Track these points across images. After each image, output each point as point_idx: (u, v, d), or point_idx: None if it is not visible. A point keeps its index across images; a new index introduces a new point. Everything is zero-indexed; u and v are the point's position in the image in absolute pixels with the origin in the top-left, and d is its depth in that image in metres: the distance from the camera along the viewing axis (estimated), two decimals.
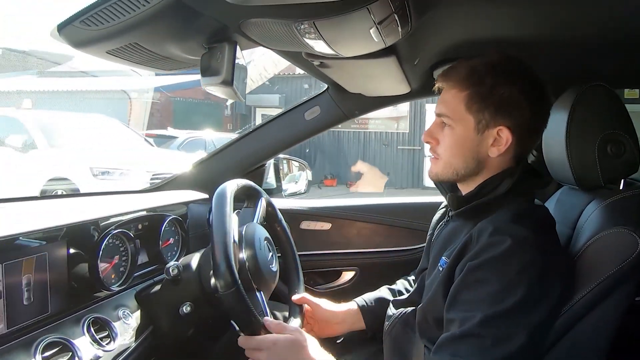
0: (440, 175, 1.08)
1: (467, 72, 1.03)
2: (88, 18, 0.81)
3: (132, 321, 1.17)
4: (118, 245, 1.24)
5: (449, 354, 0.91)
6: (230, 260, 1.05)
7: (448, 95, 1.05)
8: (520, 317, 0.90)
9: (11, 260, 0.94)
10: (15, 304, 0.95)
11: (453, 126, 1.04)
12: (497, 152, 1.03)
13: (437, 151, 1.08)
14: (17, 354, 0.92)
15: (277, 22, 0.87)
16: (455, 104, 1.03)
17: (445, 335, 0.94)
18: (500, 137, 1.02)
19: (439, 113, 1.06)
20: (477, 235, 0.98)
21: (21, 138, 6.47)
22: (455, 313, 0.95)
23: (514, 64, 1.03)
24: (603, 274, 0.95)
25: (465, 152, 1.04)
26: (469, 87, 1.02)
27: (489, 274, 0.92)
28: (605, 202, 1.08)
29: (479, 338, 0.89)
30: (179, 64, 1.08)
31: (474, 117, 1.02)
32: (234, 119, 13.73)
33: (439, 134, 1.07)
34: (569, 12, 1.04)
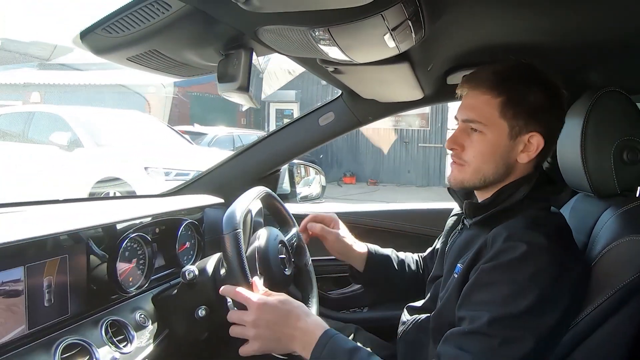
0: (466, 182, 1.07)
1: (499, 78, 1.03)
2: (109, 26, 0.83)
3: (149, 324, 1.19)
4: (136, 249, 1.26)
5: (454, 346, 0.92)
6: (244, 264, 1.06)
7: (478, 101, 1.04)
8: (529, 322, 0.90)
9: (33, 262, 0.97)
10: (36, 306, 0.97)
11: (485, 132, 1.03)
12: (527, 158, 1.04)
13: (464, 158, 1.06)
14: (38, 354, 0.94)
15: (292, 29, 0.89)
16: (488, 110, 1.03)
17: (453, 330, 0.95)
18: (531, 143, 1.03)
19: (467, 119, 1.05)
20: (492, 241, 0.98)
21: (66, 135, 6.08)
22: (465, 311, 0.95)
23: (536, 70, 1.05)
24: (619, 283, 0.94)
25: (497, 158, 1.04)
26: (503, 93, 1.02)
27: (501, 276, 0.93)
28: (621, 209, 1.07)
29: (486, 337, 0.89)
30: (196, 71, 1.10)
31: (508, 123, 1.02)
32: (248, 114, 13.66)
33: (465, 140, 1.06)
34: (582, 17, 1.04)
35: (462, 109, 1.07)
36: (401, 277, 1.47)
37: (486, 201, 1.07)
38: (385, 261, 1.46)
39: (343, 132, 1.76)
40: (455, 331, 0.94)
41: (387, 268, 1.45)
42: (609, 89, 1.10)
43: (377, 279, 1.47)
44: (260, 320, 1.02)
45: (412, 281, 1.47)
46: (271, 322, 1.02)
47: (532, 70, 1.05)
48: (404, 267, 1.48)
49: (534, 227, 0.96)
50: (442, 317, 1.07)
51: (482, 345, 0.89)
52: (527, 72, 1.05)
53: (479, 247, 1.01)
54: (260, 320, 1.02)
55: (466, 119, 1.06)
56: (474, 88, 1.05)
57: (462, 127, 1.07)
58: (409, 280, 1.47)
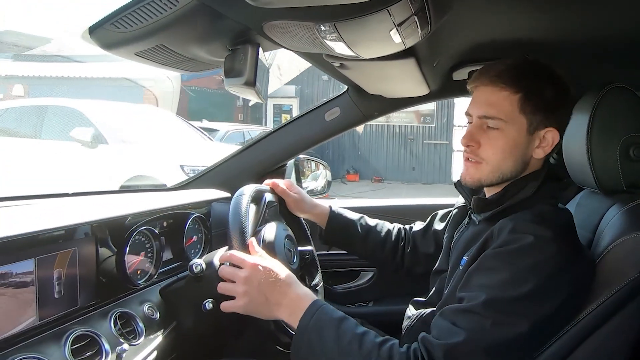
0: (484, 181, 1.07)
1: (517, 73, 1.03)
2: (118, 21, 0.84)
3: (157, 316, 1.20)
4: (144, 242, 1.27)
5: (449, 321, 0.94)
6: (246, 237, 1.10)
7: (496, 97, 1.03)
8: (525, 308, 0.91)
9: (43, 254, 0.98)
10: (46, 297, 0.99)
11: (503, 128, 1.03)
12: (543, 153, 1.05)
13: (480, 155, 1.05)
14: (48, 345, 0.96)
15: (298, 24, 0.89)
16: (507, 106, 1.02)
17: (450, 306, 0.97)
18: (546, 139, 1.04)
19: (485, 115, 1.04)
20: (498, 232, 0.99)
21: (88, 131, 5.71)
22: (463, 292, 0.97)
23: (546, 66, 1.05)
24: (624, 280, 0.93)
25: (516, 154, 1.04)
26: (522, 88, 1.02)
27: (503, 263, 0.94)
28: (626, 206, 1.07)
29: (480, 316, 0.91)
30: (203, 65, 1.11)
31: (527, 119, 1.02)
32: (245, 109, 13.38)
33: (482, 136, 1.05)
34: (588, 13, 1.04)
35: (479, 105, 1.06)
36: (369, 243, 1.49)
37: (495, 197, 1.07)
38: (347, 224, 1.48)
39: (349, 128, 1.76)
40: (453, 307, 0.96)
41: (348, 231, 1.47)
42: (615, 85, 1.09)
43: (338, 240, 1.51)
44: (252, 278, 1.03)
45: (391, 251, 1.50)
46: (262, 284, 1.02)
47: (544, 66, 1.05)
48: (373, 234, 1.49)
49: (541, 221, 0.97)
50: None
51: (475, 324, 0.91)
52: (540, 67, 1.05)
53: (485, 238, 1.02)
54: (252, 278, 1.03)
55: (484, 115, 1.04)
56: (491, 83, 1.04)
57: (478, 124, 1.06)
58: (385, 250, 1.49)
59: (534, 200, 1.04)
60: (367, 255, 1.54)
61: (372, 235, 1.49)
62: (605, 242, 1.01)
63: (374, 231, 1.50)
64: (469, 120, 1.09)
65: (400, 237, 1.51)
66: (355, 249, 1.52)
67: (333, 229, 1.47)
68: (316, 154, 8.99)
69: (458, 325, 0.92)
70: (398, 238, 1.51)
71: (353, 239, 1.48)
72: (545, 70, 1.05)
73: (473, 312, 0.92)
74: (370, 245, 1.49)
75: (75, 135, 5.72)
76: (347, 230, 1.47)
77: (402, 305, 1.41)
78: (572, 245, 0.99)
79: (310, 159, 2.11)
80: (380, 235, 1.49)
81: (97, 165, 5.50)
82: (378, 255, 1.50)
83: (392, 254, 1.50)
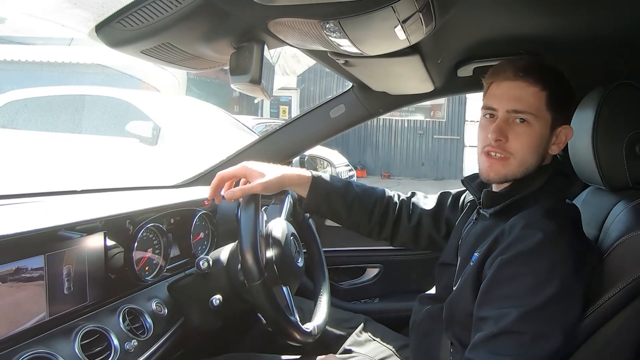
0: (510, 176, 1.06)
1: (541, 70, 1.04)
2: (124, 19, 0.85)
3: (165, 312, 1.22)
4: (152, 239, 1.28)
5: (486, 351, 0.91)
6: (257, 254, 1.08)
7: (526, 92, 1.03)
8: (556, 312, 0.90)
9: (53, 251, 1.00)
10: (56, 293, 1.00)
11: (532, 123, 1.03)
12: (558, 150, 1.07)
13: (509, 150, 1.05)
14: (58, 340, 0.97)
15: (303, 22, 0.89)
16: (536, 102, 1.03)
17: (481, 334, 0.93)
18: (561, 135, 1.06)
19: (515, 109, 1.04)
20: (510, 230, 0.99)
21: (147, 126, 4.86)
22: (488, 310, 0.94)
23: (553, 66, 1.08)
24: (630, 277, 0.93)
25: (540, 149, 1.05)
26: (549, 85, 1.03)
27: (522, 268, 0.93)
28: (632, 203, 1.07)
29: (517, 334, 0.89)
30: (209, 63, 1.12)
31: (552, 116, 1.04)
32: (240, 100, 12.74)
33: (509, 131, 1.05)
34: (594, 10, 1.04)
35: (507, 99, 1.05)
36: (354, 213, 1.36)
37: (504, 191, 1.08)
38: (329, 192, 1.34)
39: (354, 125, 1.77)
40: (484, 336, 0.93)
41: (330, 199, 1.34)
42: (621, 81, 1.09)
43: (320, 210, 1.36)
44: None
45: (378, 224, 1.38)
46: None
47: (552, 66, 1.08)
48: (358, 204, 1.36)
49: (552, 216, 0.97)
50: (455, 306, 1.08)
51: (515, 344, 0.89)
52: (553, 67, 1.07)
53: (496, 235, 1.01)
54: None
55: (514, 110, 1.04)
56: (519, 78, 1.04)
57: (505, 118, 1.05)
58: (372, 221, 1.37)
59: (544, 194, 1.05)
60: (351, 226, 1.40)
61: (358, 205, 1.36)
62: (612, 239, 1.01)
63: (361, 200, 1.37)
64: (490, 114, 1.08)
65: (392, 207, 1.39)
66: (339, 219, 1.39)
67: (315, 197, 1.33)
68: None
69: (500, 353, 0.90)
70: (388, 208, 1.39)
71: (336, 208, 1.35)
72: (556, 69, 1.07)
73: (509, 332, 0.90)
74: (355, 216, 1.37)
75: (133, 130, 4.88)
76: (330, 199, 1.34)
77: (408, 301, 1.42)
78: (582, 239, 1.00)
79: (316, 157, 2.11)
80: (367, 205, 1.37)
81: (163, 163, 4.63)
82: (363, 227, 1.39)
83: (379, 225, 1.38)
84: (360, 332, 1.44)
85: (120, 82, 6.46)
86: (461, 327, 1.05)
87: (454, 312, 1.08)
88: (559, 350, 0.89)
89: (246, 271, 1.09)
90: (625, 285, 0.93)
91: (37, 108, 5.30)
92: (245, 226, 1.11)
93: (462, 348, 1.04)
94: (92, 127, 5.15)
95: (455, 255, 1.21)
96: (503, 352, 0.89)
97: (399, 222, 1.39)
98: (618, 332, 0.96)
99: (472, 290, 1.02)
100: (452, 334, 1.09)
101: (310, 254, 1.46)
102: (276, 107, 12.85)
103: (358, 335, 1.42)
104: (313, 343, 1.22)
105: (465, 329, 1.01)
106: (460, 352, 1.04)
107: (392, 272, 1.89)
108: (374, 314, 1.62)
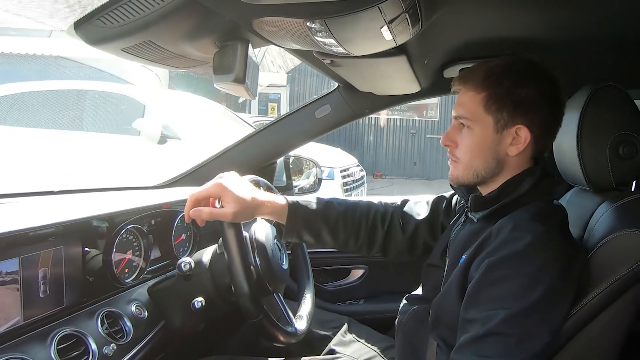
0: (461, 179, 1.09)
1: (484, 74, 1.05)
2: (104, 16, 0.82)
3: (145, 315, 1.19)
4: (131, 241, 1.25)
5: (472, 352, 0.91)
6: (254, 289, 1.09)
7: (465, 97, 1.06)
8: (543, 315, 0.90)
9: (28, 253, 0.97)
10: (31, 297, 0.97)
11: (472, 127, 1.05)
12: (516, 151, 1.05)
13: (456, 154, 1.08)
14: (33, 345, 0.94)
15: (288, 21, 0.88)
16: (473, 106, 1.05)
17: (467, 336, 0.93)
18: (519, 136, 1.04)
19: (456, 115, 1.08)
20: (497, 232, 0.99)
21: (154, 123, 4.53)
22: (476, 312, 0.94)
23: (531, 64, 1.06)
24: (614, 276, 0.94)
25: (485, 152, 1.05)
26: (487, 88, 1.04)
27: (510, 270, 0.93)
28: (616, 203, 1.08)
29: (503, 337, 0.89)
30: (191, 62, 1.10)
31: (493, 117, 1.04)
32: (228, 97, 11.81)
33: (458, 136, 1.08)
34: (579, 12, 1.04)
35: (455, 106, 1.09)
36: (339, 234, 1.29)
37: (491, 195, 1.07)
38: (310, 216, 1.26)
39: (340, 125, 1.76)
40: (470, 337, 0.93)
41: (313, 224, 1.26)
42: (605, 83, 1.10)
43: (302, 237, 1.27)
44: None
45: (367, 240, 1.32)
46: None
47: (527, 65, 1.05)
48: (342, 223, 1.29)
49: (540, 218, 0.98)
50: (442, 307, 1.08)
51: (501, 346, 0.89)
52: (519, 66, 1.05)
53: (483, 238, 1.02)
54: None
55: (456, 116, 1.08)
56: (464, 85, 1.07)
57: (454, 124, 1.09)
58: (360, 239, 1.31)
59: (531, 197, 1.04)
60: (339, 247, 1.34)
61: (342, 225, 1.29)
62: (595, 239, 1.02)
63: (344, 220, 1.30)
64: None
65: (381, 221, 1.33)
66: (324, 243, 1.31)
67: (295, 225, 1.24)
68: None
69: (486, 355, 0.89)
70: (375, 223, 1.33)
71: (320, 233, 1.27)
72: (525, 68, 1.05)
73: (496, 334, 0.89)
74: (341, 237, 1.30)
75: (139, 128, 4.55)
76: (311, 225, 1.26)
77: (393, 302, 1.41)
78: (570, 240, 1.01)
79: (301, 157, 2.10)
80: (352, 223, 1.30)
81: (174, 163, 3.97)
82: (351, 246, 1.32)
83: (368, 242, 1.32)
84: (345, 333, 1.43)
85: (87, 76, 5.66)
86: (447, 328, 1.05)
87: (441, 313, 1.08)
88: (545, 352, 0.90)
89: (245, 309, 1.10)
90: (609, 284, 0.94)
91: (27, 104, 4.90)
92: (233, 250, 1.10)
93: (447, 349, 1.04)
94: (94, 124, 4.84)
95: (443, 256, 1.21)
96: (489, 353, 0.89)
97: (390, 235, 1.33)
98: (602, 331, 0.97)
99: (458, 292, 1.01)
100: (438, 334, 1.09)
101: (294, 255, 1.45)
102: (264, 104, 12.74)
103: (343, 336, 1.42)
104: (297, 344, 1.21)
105: (452, 330, 1.01)
106: (445, 353, 1.04)
107: (377, 273, 1.89)
108: (359, 316, 1.62)
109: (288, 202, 1.24)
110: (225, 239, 1.11)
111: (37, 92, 5.02)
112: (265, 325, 1.11)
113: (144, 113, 4.65)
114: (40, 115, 4.74)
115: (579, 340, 0.97)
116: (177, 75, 10.40)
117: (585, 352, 0.97)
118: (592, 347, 0.98)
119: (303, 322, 1.25)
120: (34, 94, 5.00)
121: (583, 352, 0.97)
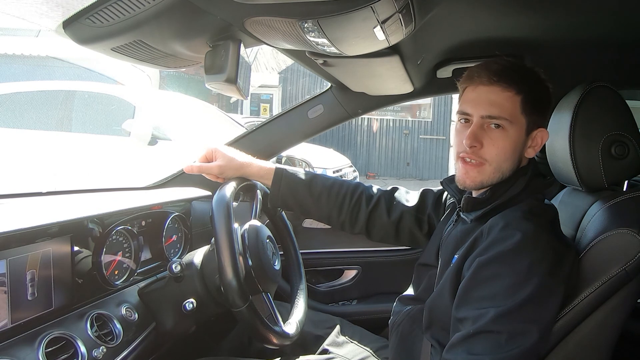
0: (486, 182, 1.06)
1: (516, 74, 1.03)
2: (94, 15, 0.81)
3: (135, 318, 1.18)
4: (122, 242, 1.24)
5: (463, 351, 0.91)
6: (240, 278, 1.07)
7: (500, 97, 1.02)
8: (533, 312, 0.90)
9: (16, 255, 0.95)
10: (19, 299, 0.96)
11: (507, 128, 1.02)
12: (533, 153, 1.06)
13: (483, 156, 1.04)
14: (21, 348, 0.93)
15: (281, 21, 0.87)
16: (510, 106, 1.02)
17: (458, 335, 0.94)
18: (537, 138, 1.06)
19: (490, 115, 1.03)
20: (488, 231, 0.99)
21: (144, 124, 4.44)
22: (467, 311, 0.94)
23: (532, 67, 1.07)
24: (606, 275, 0.95)
25: (515, 154, 1.05)
26: (523, 89, 1.02)
27: (500, 268, 0.93)
28: (608, 203, 1.08)
29: (494, 334, 0.89)
30: (183, 62, 1.09)
31: (527, 120, 1.03)
32: (219, 97, 12.02)
33: (484, 136, 1.04)
34: (571, 13, 1.04)
35: (481, 105, 1.04)
36: (322, 205, 1.34)
37: (484, 196, 1.07)
38: (296, 184, 1.33)
39: (332, 125, 1.75)
40: (461, 336, 0.93)
41: (297, 191, 1.33)
42: (597, 83, 1.10)
43: (286, 202, 1.34)
44: None
45: (349, 215, 1.35)
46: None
47: (530, 68, 1.07)
48: (326, 195, 1.34)
49: (530, 217, 0.98)
50: (435, 307, 1.08)
51: (492, 344, 0.89)
52: (529, 69, 1.07)
53: (475, 237, 1.02)
54: None
55: (488, 115, 1.03)
56: (494, 83, 1.03)
57: (479, 123, 1.04)
58: (342, 213, 1.35)
59: (523, 196, 1.05)
60: (321, 218, 1.38)
61: (326, 197, 1.34)
62: (588, 239, 1.02)
63: (328, 193, 1.34)
64: (465, 119, 1.07)
65: (367, 201, 1.35)
66: (307, 211, 1.36)
67: (279, 189, 1.32)
68: None
69: (477, 353, 0.90)
70: (360, 201, 1.35)
71: (303, 200, 1.33)
72: (536, 71, 1.07)
73: (486, 332, 0.90)
74: (323, 208, 1.34)
75: (129, 129, 4.46)
76: (295, 190, 1.32)
77: (386, 303, 1.41)
78: (561, 238, 1.01)
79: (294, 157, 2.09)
80: (336, 198, 1.34)
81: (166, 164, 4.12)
82: (333, 220, 1.36)
83: (350, 218, 1.35)
84: (338, 334, 1.43)
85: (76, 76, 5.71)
86: (441, 328, 1.05)
87: (434, 314, 1.08)
88: (535, 349, 0.90)
89: (230, 297, 1.07)
90: (601, 284, 0.95)
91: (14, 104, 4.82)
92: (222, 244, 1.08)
93: (441, 349, 1.04)
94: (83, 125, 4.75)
95: (436, 256, 1.21)
96: (480, 351, 0.90)
97: (374, 216, 1.35)
98: (594, 330, 0.98)
99: (451, 292, 1.02)
100: (432, 334, 1.09)
101: (286, 255, 1.44)
102: (257, 104, 12.67)
103: (336, 336, 1.41)
104: (291, 345, 1.21)
105: (445, 330, 1.02)
106: (440, 354, 1.04)
107: (370, 274, 1.88)
108: (352, 316, 1.62)
109: (275, 167, 1.34)
110: (213, 220, 1.11)
111: (24, 93, 4.95)
112: (259, 328, 1.10)
113: (134, 114, 4.59)
114: (28, 116, 4.68)
115: (571, 339, 0.98)
116: (168, 75, 10.40)
117: (578, 351, 0.98)
118: (585, 346, 0.98)
119: (292, 327, 1.24)
120: (21, 94, 4.93)
121: (576, 351, 0.98)
